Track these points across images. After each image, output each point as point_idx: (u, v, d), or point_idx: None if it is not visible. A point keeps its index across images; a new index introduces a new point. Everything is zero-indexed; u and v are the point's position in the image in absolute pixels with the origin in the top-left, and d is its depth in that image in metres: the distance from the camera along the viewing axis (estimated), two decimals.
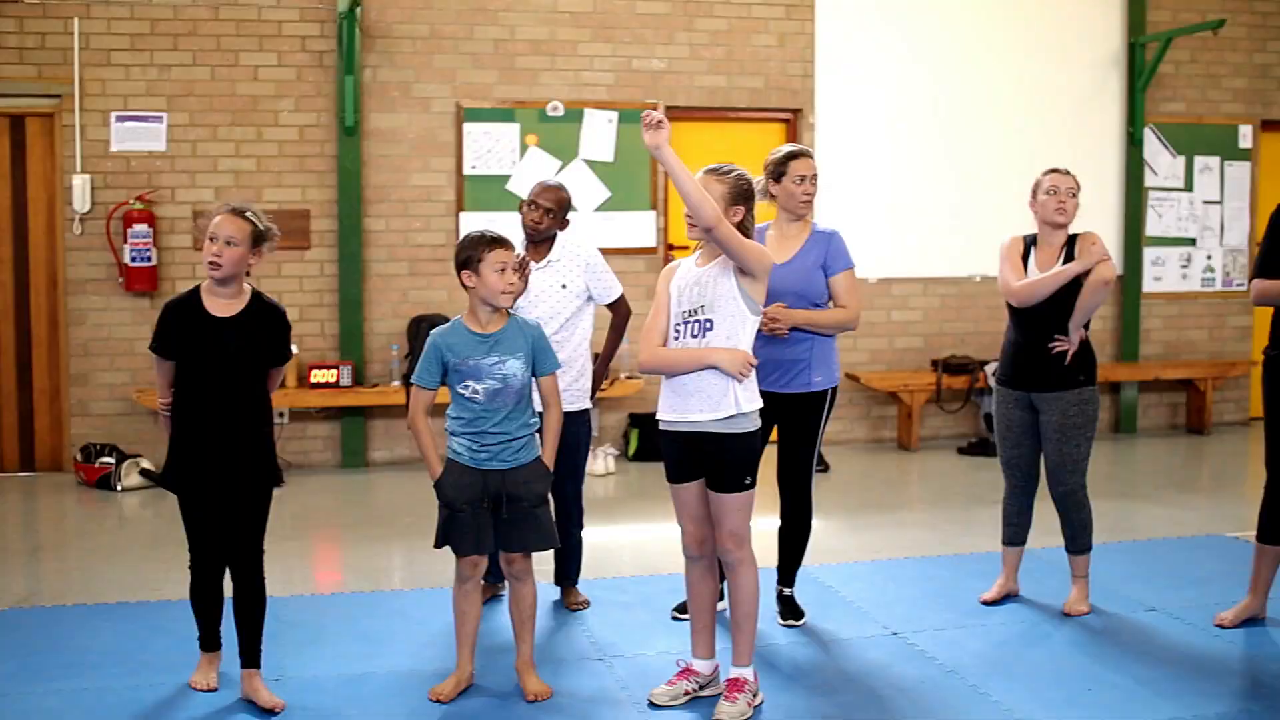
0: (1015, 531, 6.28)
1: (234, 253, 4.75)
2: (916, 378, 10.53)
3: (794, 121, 10.61)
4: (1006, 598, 6.30)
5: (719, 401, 4.72)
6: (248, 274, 4.88)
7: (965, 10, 10.91)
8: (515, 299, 5.40)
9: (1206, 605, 6.18)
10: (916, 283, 10.89)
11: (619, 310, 6.25)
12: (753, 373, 4.77)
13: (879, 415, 10.84)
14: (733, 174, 4.88)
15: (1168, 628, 5.96)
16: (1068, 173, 6.05)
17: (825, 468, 9.61)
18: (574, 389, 5.94)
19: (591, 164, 10.12)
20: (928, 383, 10.45)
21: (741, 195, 4.85)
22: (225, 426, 4.80)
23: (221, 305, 4.81)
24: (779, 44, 10.47)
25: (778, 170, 5.85)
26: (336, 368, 9.61)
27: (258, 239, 4.82)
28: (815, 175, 5.89)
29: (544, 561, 5.67)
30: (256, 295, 4.90)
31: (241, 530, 4.88)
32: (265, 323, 4.88)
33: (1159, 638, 5.83)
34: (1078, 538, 6.16)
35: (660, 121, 4.54)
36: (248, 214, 4.82)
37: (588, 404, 6.14)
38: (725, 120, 10.53)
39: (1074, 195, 5.98)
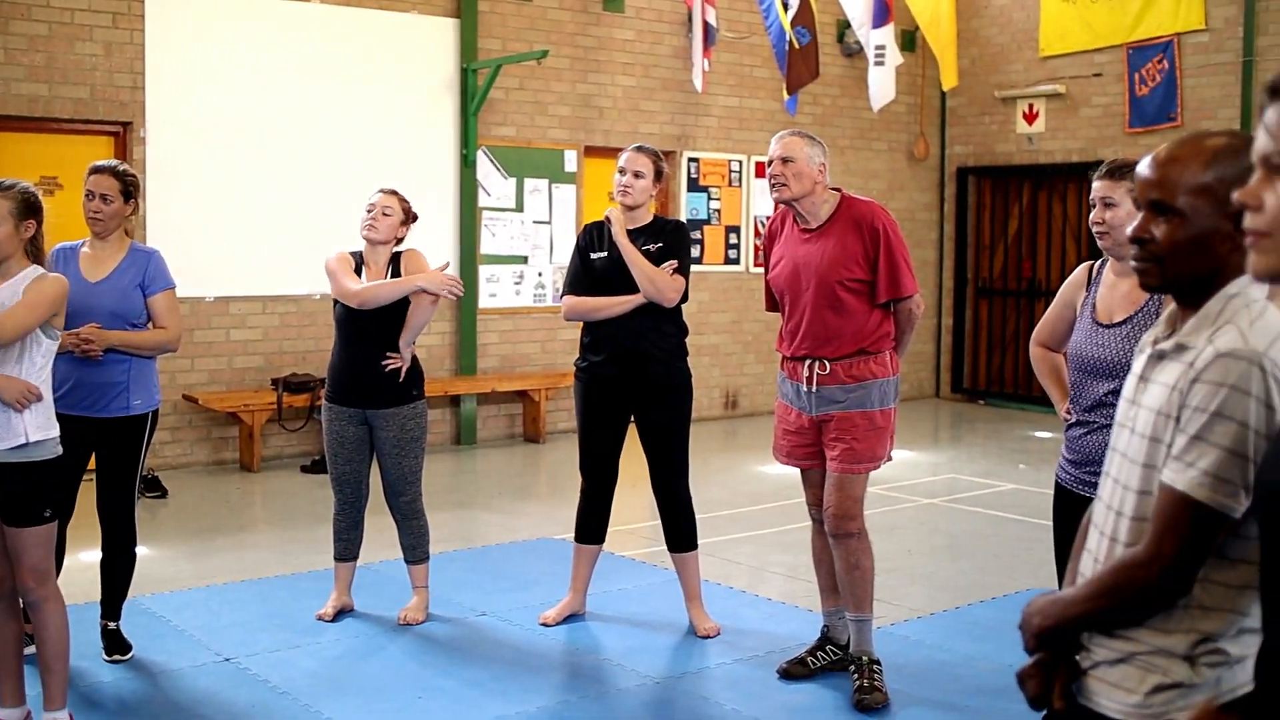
0: (347, 546, 6.31)
1: None
2: (257, 397, 10.36)
3: (124, 135, 10.16)
4: (342, 613, 6.32)
5: (6, 430, 4.42)
6: None
7: (302, 29, 10.87)
8: None
9: (534, 605, 6.47)
10: (256, 301, 10.72)
11: None
12: (44, 400, 4.50)
13: (220, 437, 10.57)
14: (15, 189, 4.60)
15: (497, 630, 6.19)
16: (393, 193, 6.17)
17: (162, 493, 9.25)
18: None
19: None
20: (269, 402, 10.31)
21: (29, 209, 4.58)
22: None
23: None
24: (105, 53, 9.98)
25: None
26: None
27: None
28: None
29: None
30: None
31: None
32: None
33: (489, 640, 6.05)
34: (417, 548, 6.29)
35: None
36: None
37: None
38: (48, 131, 9.90)
39: (386, 214, 6.09)
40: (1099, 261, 4.44)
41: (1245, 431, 2.13)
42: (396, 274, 6.08)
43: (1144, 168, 2.35)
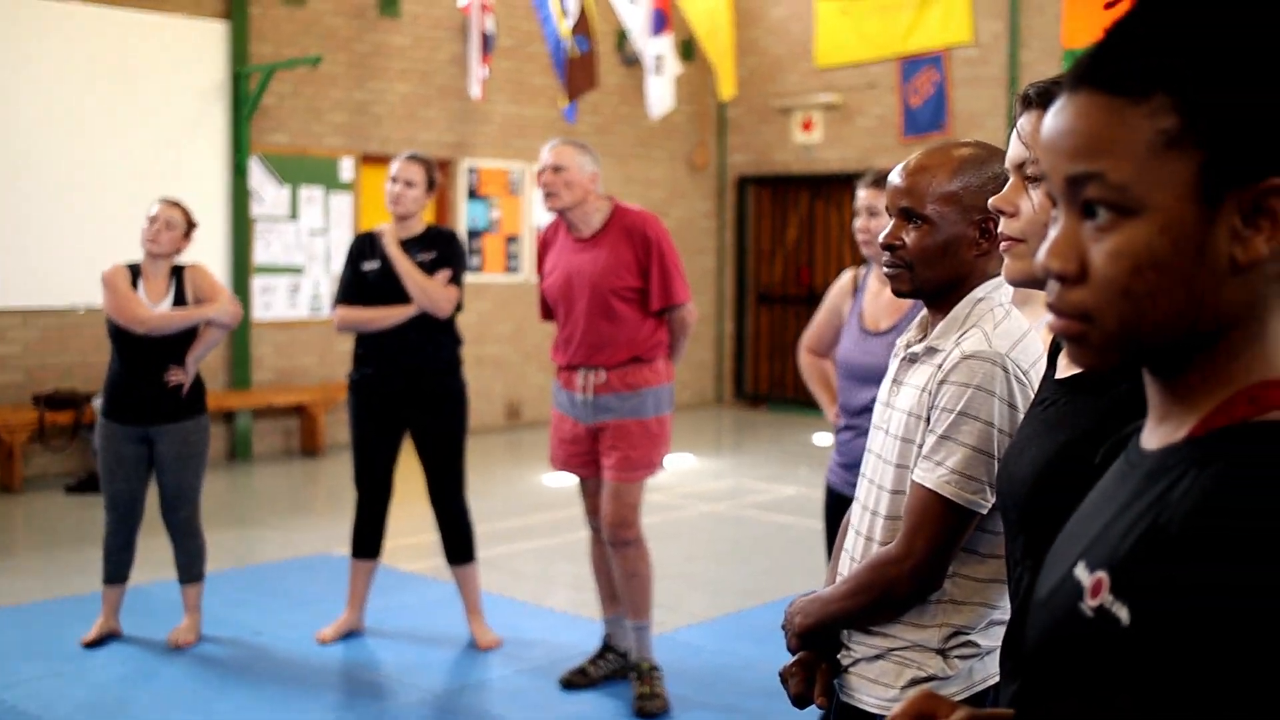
0: (118, 568, 6.07)
1: None
2: (17, 415, 9.92)
3: None
4: (109, 638, 6.09)
5: None
6: None
7: (64, 30, 10.45)
8: None
9: (311, 623, 6.33)
10: (15, 315, 10.27)
11: None
12: None
13: None
14: None
15: (274, 649, 6.04)
16: (176, 204, 6.00)
17: None
18: None
19: None
20: (30, 420, 9.89)
21: None
22: None
23: None
24: None
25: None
26: None
27: None
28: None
29: None
30: None
31: None
32: None
33: (266, 659, 5.90)
34: (192, 566, 6.11)
35: None
36: None
37: None
38: None
39: (170, 227, 5.92)
40: (864, 269, 4.53)
41: (990, 430, 2.19)
42: (180, 288, 5.91)
43: (894, 176, 2.42)
